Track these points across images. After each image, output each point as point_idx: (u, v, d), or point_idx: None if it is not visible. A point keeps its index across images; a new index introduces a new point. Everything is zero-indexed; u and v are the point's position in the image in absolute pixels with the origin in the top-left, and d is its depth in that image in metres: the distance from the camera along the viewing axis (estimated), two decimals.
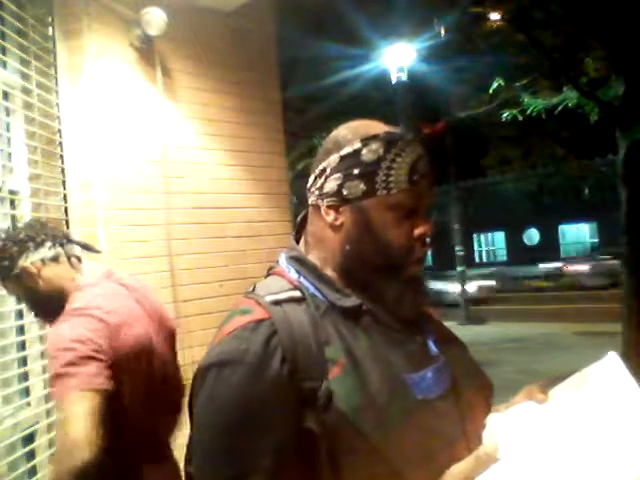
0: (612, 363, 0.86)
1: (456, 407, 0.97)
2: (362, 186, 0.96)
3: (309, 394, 0.88)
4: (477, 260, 28.27)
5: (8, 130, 2.43)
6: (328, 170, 0.99)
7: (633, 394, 0.83)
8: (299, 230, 1.09)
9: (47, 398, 2.38)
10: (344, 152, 0.98)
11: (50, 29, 2.68)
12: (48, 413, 2.32)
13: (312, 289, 0.98)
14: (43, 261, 1.74)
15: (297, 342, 0.90)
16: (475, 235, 29.36)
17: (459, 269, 14.24)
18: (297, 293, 0.97)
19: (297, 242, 1.08)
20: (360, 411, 0.88)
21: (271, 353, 0.89)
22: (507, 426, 0.87)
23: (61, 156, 2.69)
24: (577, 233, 27.21)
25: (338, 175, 0.98)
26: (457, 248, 14.10)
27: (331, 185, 0.99)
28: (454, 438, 0.93)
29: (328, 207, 0.99)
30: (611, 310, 8.41)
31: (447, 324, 1.12)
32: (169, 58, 3.07)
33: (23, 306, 2.36)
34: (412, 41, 10.77)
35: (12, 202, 2.40)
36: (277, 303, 0.94)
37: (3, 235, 1.77)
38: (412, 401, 0.92)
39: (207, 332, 3.09)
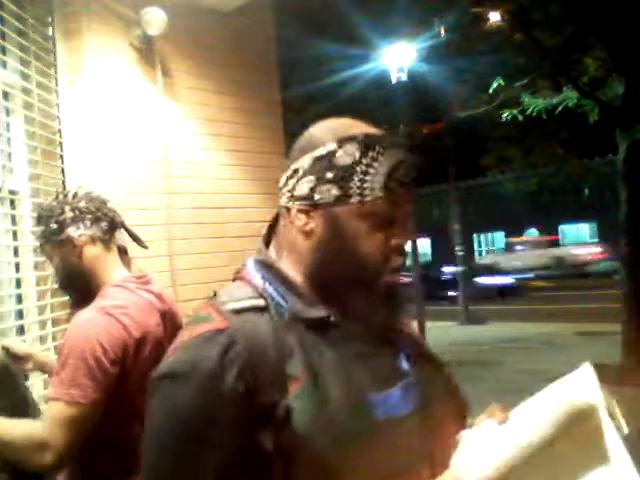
0: (584, 376, 0.83)
1: (423, 427, 0.90)
2: (335, 191, 0.89)
3: (266, 411, 0.82)
4: (477, 260, 28.26)
5: (8, 130, 2.43)
6: (301, 171, 0.93)
7: (602, 413, 0.80)
8: (269, 232, 1.01)
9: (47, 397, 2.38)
10: (318, 153, 0.91)
11: (50, 29, 2.69)
12: None
13: (277, 297, 0.91)
14: (93, 239, 1.62)
15: (256, 355, 0.84)
16: (475, 235, 29.37)
17: (459, 269, 14.24)
18: (261, 302, 0.90)
19: (267, 245, 1.00)
20: (316, 429, 0.82)
21: (226, 366, 0.83)
22: (471, 446, 0.87)
23: (61, 156, 2.69)
24: (577, 233, 27.22)
25: (311, 178, 0.91)
26: (457, 248, 14.07)
27: (303, 188, 0.92)
28: (417, 460, 0.88)
29: (299, 211, 0.92)
30: (611, 310, 8.41)
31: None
32: (169, 58, 3.07)
33: (23, 306, 2.37)
34: (412, 41, 10.78)
35: (12, 202, 2.40)
36: (238, 312, 0.88)
37: (61, 197, 1.66)
38: (373, 420, 0.86)
39: None
